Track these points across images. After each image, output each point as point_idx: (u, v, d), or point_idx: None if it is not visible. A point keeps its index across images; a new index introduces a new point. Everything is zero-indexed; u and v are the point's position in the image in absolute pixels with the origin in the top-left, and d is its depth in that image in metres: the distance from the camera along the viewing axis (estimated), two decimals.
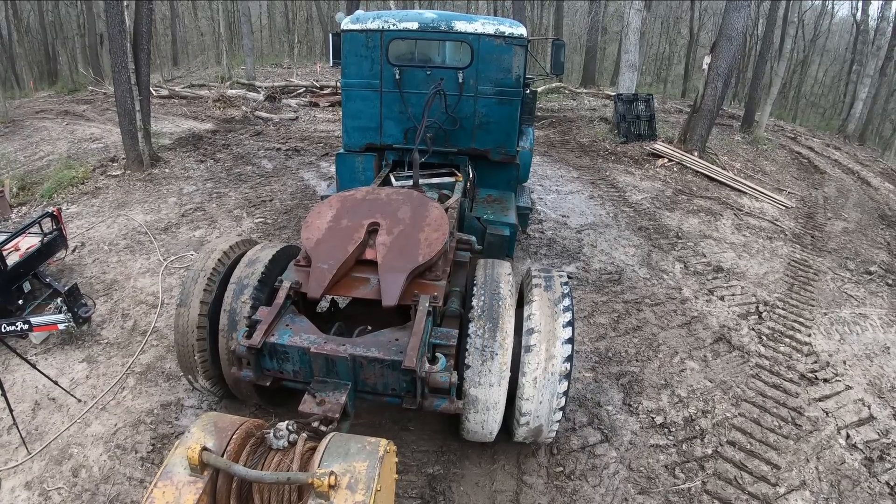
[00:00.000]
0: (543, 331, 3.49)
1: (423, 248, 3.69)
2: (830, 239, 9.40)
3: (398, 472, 2.53)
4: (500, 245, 5.23)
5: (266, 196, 9.13)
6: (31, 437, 4.37)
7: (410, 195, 4.28)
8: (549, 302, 3.63)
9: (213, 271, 4.03)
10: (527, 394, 3.47)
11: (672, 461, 4.26)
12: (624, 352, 5.51)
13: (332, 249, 3.71)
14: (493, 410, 3.47)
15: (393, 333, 3.37)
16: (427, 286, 3.63)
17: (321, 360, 3.23)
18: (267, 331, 3.31)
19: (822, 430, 4.83)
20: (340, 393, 3.19)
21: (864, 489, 4.28)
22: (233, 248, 4.29)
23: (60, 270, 6.74)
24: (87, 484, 3.98)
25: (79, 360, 5.26)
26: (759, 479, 4.23)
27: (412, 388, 3.23)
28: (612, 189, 10.44)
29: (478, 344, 3.41)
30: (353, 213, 4.04)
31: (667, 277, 7.14)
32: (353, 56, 5.62)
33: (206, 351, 3.97)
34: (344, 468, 2.25)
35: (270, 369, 3.44)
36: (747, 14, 12.69)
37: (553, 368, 3.45)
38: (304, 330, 3.40)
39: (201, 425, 2.53)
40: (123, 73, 9.07)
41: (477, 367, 3.38)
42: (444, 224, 3.92)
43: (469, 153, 5.88)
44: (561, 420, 3.68)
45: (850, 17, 32.98)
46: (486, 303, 3.55)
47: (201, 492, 2.26)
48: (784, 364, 5.62)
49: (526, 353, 3.46)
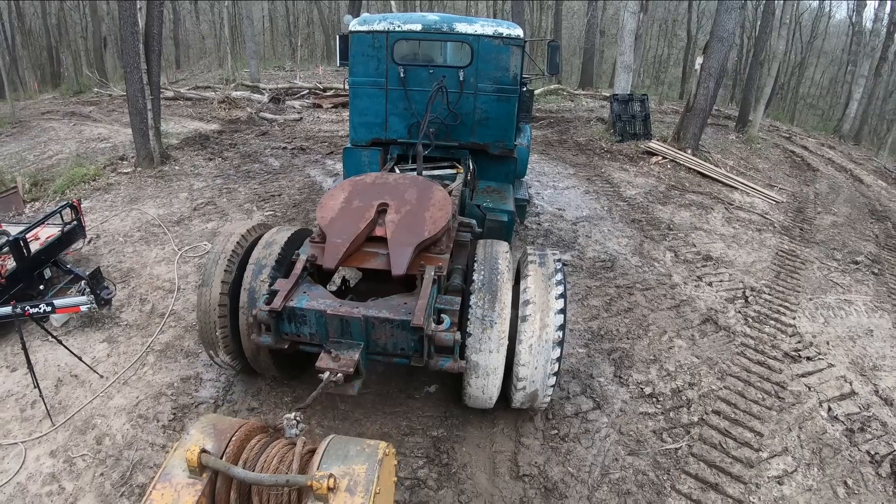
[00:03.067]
0: (538, 302, 3.78)
1: (428, 225, 4.01)
2: (819, 231, 9.70)
3: (396, 475, 2.62)
4: (499, 231, 5.51)
5: (275, 191, 9.45)
6: (54, 410, 4.60)
7: (416, 179, 4.61)
8: (542, 276, 3.92)
9: (233, 253, 4.30)
10: (523, 360, 3.76)
11: (660, 427, 4.56)
12: (615, 330, 5.81)
13: (345, 226, 4.03)
14: (492, 376, 3.75)
15: (402, 298, 3.67)
16: (432, 258, 3.95)
17: (336, 322, 3.50)
18: (286, 297, 3.59)
19: (804, 402, 5.11)
20: (354, 351, 3.47)
21: (844, 457, 4.53)
22: (250, 232, 4.54)
23: (77, 260, 7.02)
24: (111, 450, 4.23)
25: (99, 340, 5.54)
26: (742, 444, 4.51)
27: (419, 348, 3.50)
28: (607, 185, 10.75)
29: (478, 314, 3.68)
30: (363, 195, 4.36)
31: (658, 265, 7.45)
32: (361, 56, 5.93)
33: (227, 327, 4.25)
34: (343, 470, 2.28)
35: (289, 333, 3.71)
36: (738, 16, 13.03)
37: (547, 336, 3.73)
38: (321, 296, 3.69)
39: (200, 427, 2.55)
40: (135, 74, 9.39)
41: (478, 335, 3.66)
42: (447, 204, 4.24)
43: (469, 147, 6.17)
44: (555, 385, 3.97)
45: (847, 19, 33.36)
46: (485, 277, 3.83)
47: (200, 494, 2.27)
48: (769, 343, 5.91)
49: (522, 323, 3.75)
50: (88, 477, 4.00)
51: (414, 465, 4.06)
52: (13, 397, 4.77)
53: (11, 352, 5.33)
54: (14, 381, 4.95)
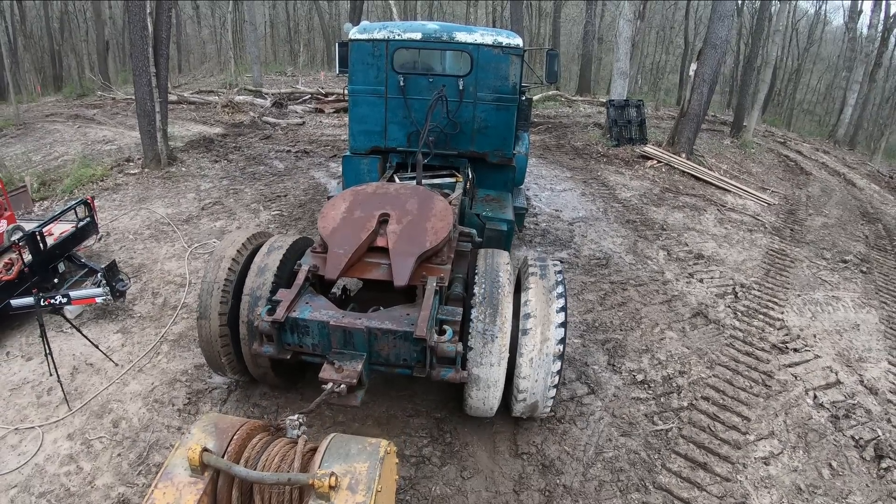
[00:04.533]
0: (539, 315, 3.81)
1: (429, 235, 4.06)
2: (809, 232, 9.96)
3: (398, 474, 2.64)
4: (498, 240, 5.54)
5: (280, 192, 9.69)
6: (71, 397, 4.75)
7: (417, 189, 4.66)
8: (543, 289, 3.94)
9: (226, 282, 4.18)
10: (524, 373, 3.80)
11: (651, 411, 4.79)
12: (609, 322, 6.05)
13: (347, 236, 4.06)
14: (493, 388, 3.79)
15: (404, 309, 3.70)
16: (434, 269, 3.99)
17: (339, 333, 3.51)
18: (289, 308, 3.59)
19: (790, 391, 5.33)
20: (357, 362, 3.47)
21: (829, 441, 4.74)
22: (242, 250, 4.38)
23: (89, 257, 7.20)
24: (128, 433, 4.40)
25: (113, 331, 5.74)
26: (730, 428, 4.73)
27: (422, 358, 3.53)
28: (602, 187, 11.01)
29: (479, 328, 3.70)
30: (365, 205, 4.39)
31: (651, 263, 7.70)
32: (360, 64, 5.94)
33: (231, 354, 4.27)
34: (344, 469, 2.27)
35: (291, 343, 3.70)
36: (731, 23, 13.34)
37: (548, 350, 3.77)
38: (323, 307, 3.70)
39: (202, 426, 2.55)
40: (144, 76, 9.65)
41: (479, 349, 3.68)
42: (448, 215, 4.28)
43: (468, 156, 6.19)
44: (555, 396, 4.04)
45: (843, 25, 33.77)
46: (486, 290, 3.84)
47: (202, 493, 2.26)
48: (757, 336, 6.15)
49: (523, 336, 3.78)
50: (106, 457, 4.17)
51: (419, 443, 4.28)
52: (29, 384, 4.95)
53: (26, 342, 5.53)
54: (30, 370, 5.14)
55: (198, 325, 4.22)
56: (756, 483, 4.22)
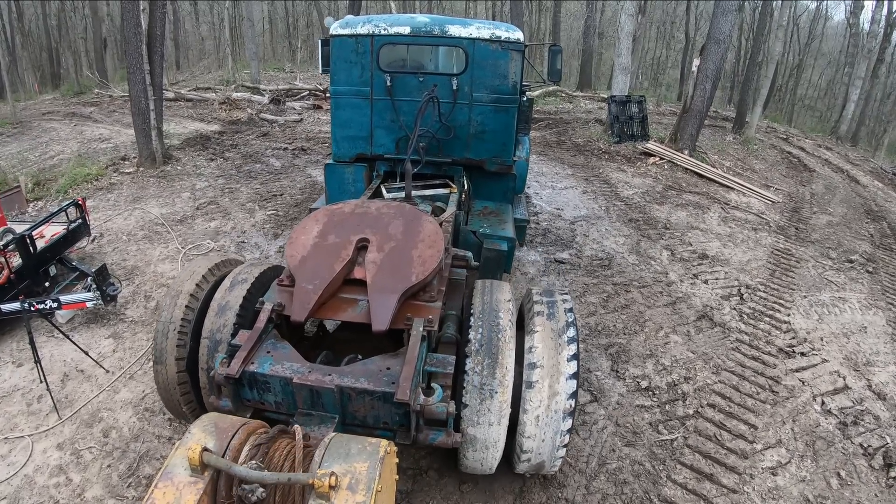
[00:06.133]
0: (546, 366, 3.25)
1: (416, 267, 3.47)
2: (814, 231, 9.82)
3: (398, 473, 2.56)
4: (498, 260, 4.94)
5: (276, 191, 9.55)
6: (60, 405, 4.64)
7: (402, 209, 4.03)
8: (552, 332, 3.37)
9: (183, 321, 3.68)
10: (528, 432, 3.26)
11: (656, 419, 4.66)
12: (612, 326, 5.92)
13: (318, 268, 3.48)
14: (492, 449, 3.26)
15: (384, 361, 3.10)
16: (421, 308, 3.39)
17: (305, 392, 2.96)
18: (246, 358, 3.05)
19: (798, 397, 5.21)
20: (327, 427, 2.91)
21: (838, 449, 4.62)
22: (199, 287, 3.86)
23: (81, 258, 7.09)
24: (118, 443, 4.29)
25: (105, 336, 5.62)
26: (737, 436, 4.61)
27: (406, 421, 2.97)
28: (604, 185, 10.87)
29: (476, 381, 3.14)
30: (340, 228, 3.80)
31: (654, 263, 7.56)
32: (343, 62, 5.38)
33: (193, 402, 3.79)
34: (344, 469, 2.25)
35: (251, 399, 3.17)
36: (734, 18, 13.17)
37: (556, 406, 3.21)
38: (287, 357, 3.12)
39: (201, 426, 2.51)
40: (138, 74, 9.50)
41: (475, 406, 3.13)
42: (438, 240, 3.68)
43: (464, 163, 5.62)
44: (564, 456, 3.51)
45: (845, 21, 33.56)
46: (484, 336, 3.27)
47: (202, 492, 2.24)
48: (763, 339, 6.02)
49: (528, 390, 3.22)
50: (95, 469, 4.07)
51: (416, 455, 4.15)
52: (19, 392, 4.84)
53: (17, 348, 5.42)
54: (20, 377, 5.02)
55: (154, 370, 3.69)
56: (763, 494, 4.09)
